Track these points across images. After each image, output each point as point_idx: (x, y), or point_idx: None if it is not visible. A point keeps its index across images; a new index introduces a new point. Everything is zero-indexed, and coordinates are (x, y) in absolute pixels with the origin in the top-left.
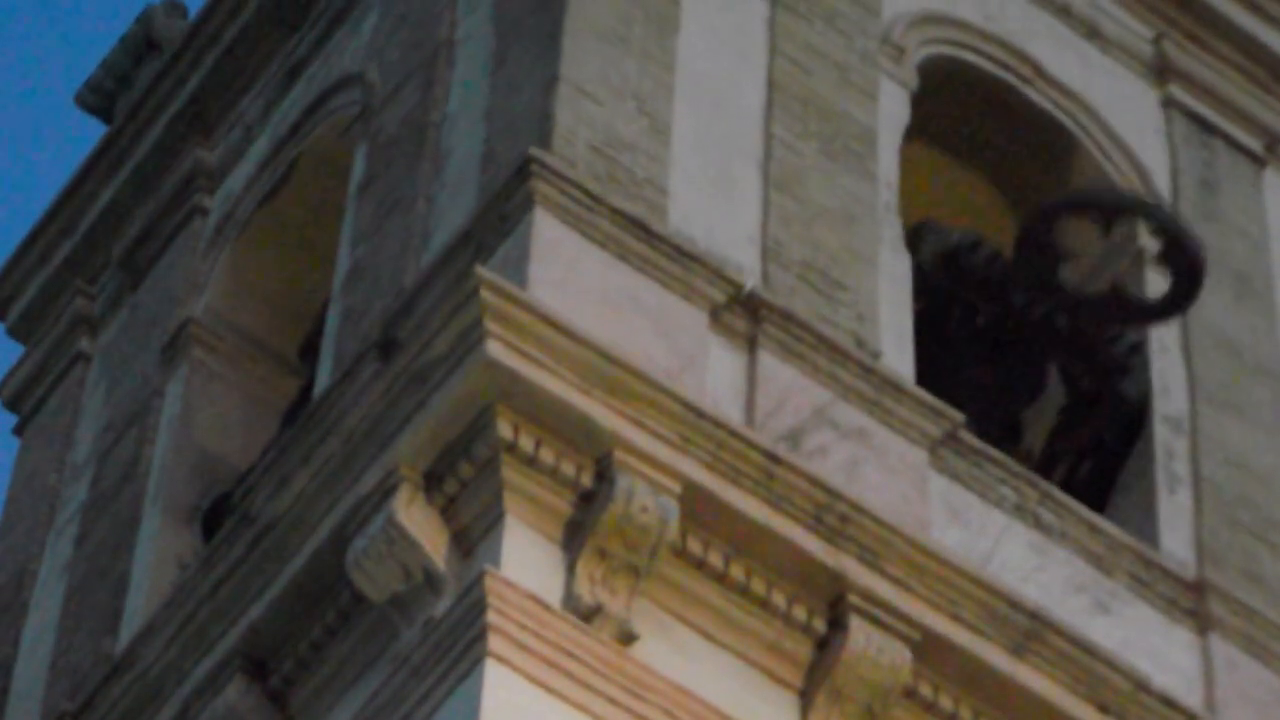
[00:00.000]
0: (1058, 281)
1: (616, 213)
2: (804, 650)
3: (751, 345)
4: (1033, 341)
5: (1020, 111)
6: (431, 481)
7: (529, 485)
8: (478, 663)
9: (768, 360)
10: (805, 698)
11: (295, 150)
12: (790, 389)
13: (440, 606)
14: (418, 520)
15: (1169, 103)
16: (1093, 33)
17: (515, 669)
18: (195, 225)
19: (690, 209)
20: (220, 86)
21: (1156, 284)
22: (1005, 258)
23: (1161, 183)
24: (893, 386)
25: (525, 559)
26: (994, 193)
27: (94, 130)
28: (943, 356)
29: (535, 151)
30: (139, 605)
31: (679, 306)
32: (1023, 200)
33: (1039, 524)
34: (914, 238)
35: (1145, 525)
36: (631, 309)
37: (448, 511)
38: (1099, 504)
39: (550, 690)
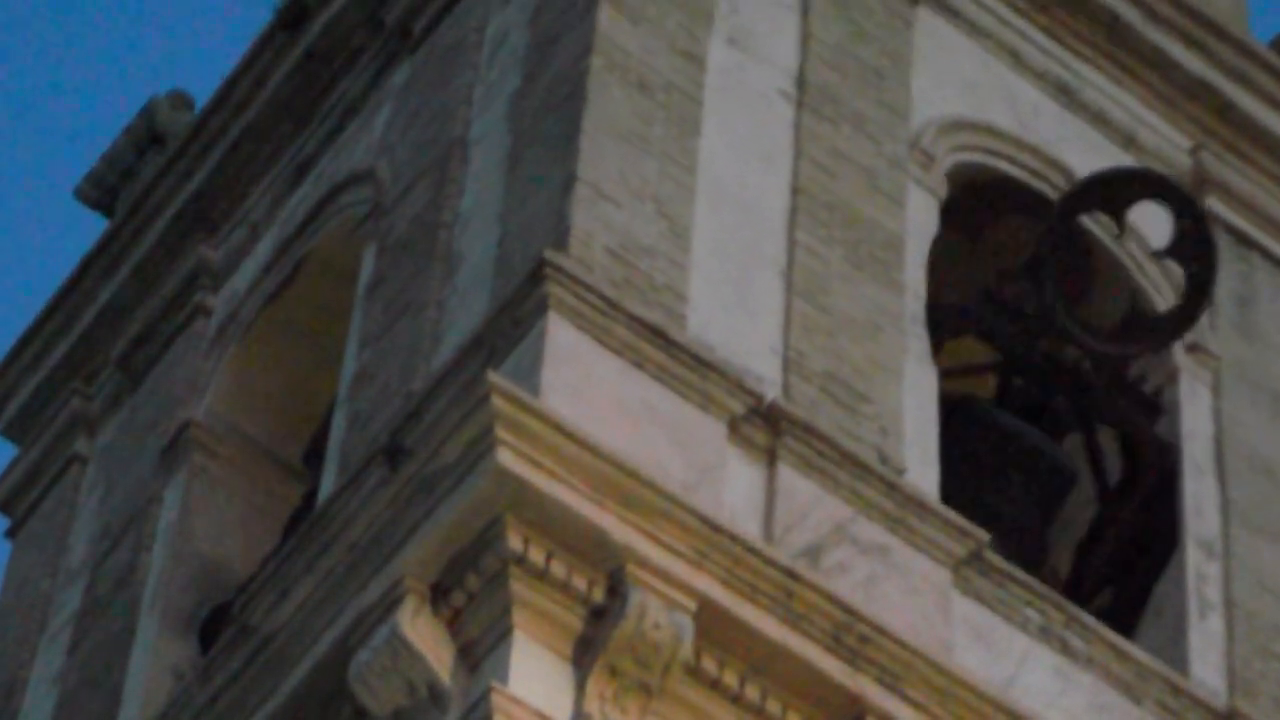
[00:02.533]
0: (1075, 316)
1: (634, 319)
2: None
3: (771, 458)
4: (1058, 405)
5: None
6: (438, 593)
7: (539, 599)
8: None
9: (787, 474)
10: None
11: (302, 249)
12: (810, 504)
13: None
14: (423, 633)
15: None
16: (1129, 142)
17: None
18: (197, 325)
19: (710, 316)
20: (226, 182)
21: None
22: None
23: None
24: (916, 504)
25: (534, 675)
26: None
27: (94, 226)
28: (968, 471)
29: (550, 254)
30: (133, 717)
31: (697, 417)
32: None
33: (1065, 648)
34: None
35: (1175, 652)
36: (647, 419)
37: (454, 625)
38: (1128, 629)
39: None
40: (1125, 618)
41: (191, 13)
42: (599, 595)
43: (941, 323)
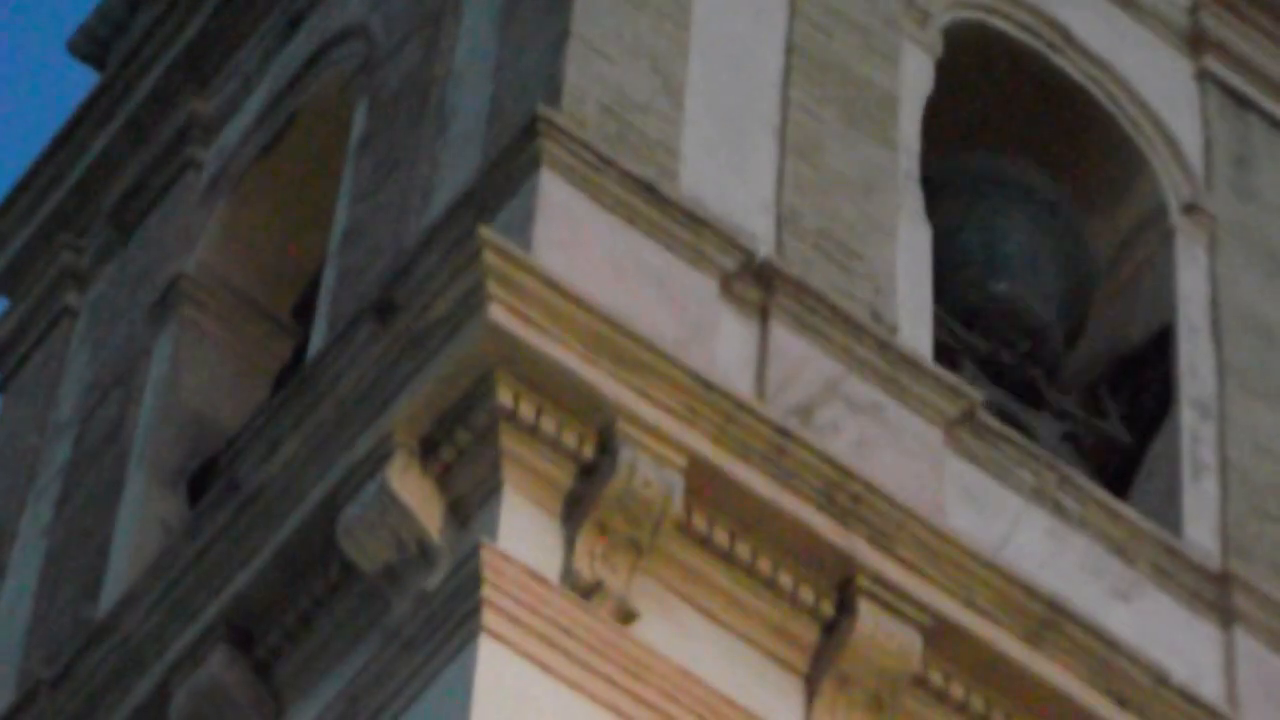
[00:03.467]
0: None
1: (626, 175)
2: (810, 634)
3: (763, 316)
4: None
5: (1048, 80)
6: (427, 449)
7: (528, 455)
8: (472, 638)
9: (780, 332)
10: (810, 683)
11: (294, 104)
12: (802, 362)
13: (434, 579)
14: (412, 489)
15: (1204, 75)
16: (1126, 1)
17: (510, 645)
18: (189, 179)
19: (703, 173)
20: (218, 35)
21: None
22: None
23: (1193, 157)
24: (909, 363)
25: (523, 532)
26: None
27: (86, 78)
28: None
29: (543, 110)
30: (121, 571)
31: (689, 274)
32: (1051, 171)
33: (1058, 509)
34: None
35: (1169, 513)
36: (639, 275)
37: (443, 480)
38: (1122, 489)
39: (546, 668)
40: (1120, 478)
41: None
42: (589, 452)
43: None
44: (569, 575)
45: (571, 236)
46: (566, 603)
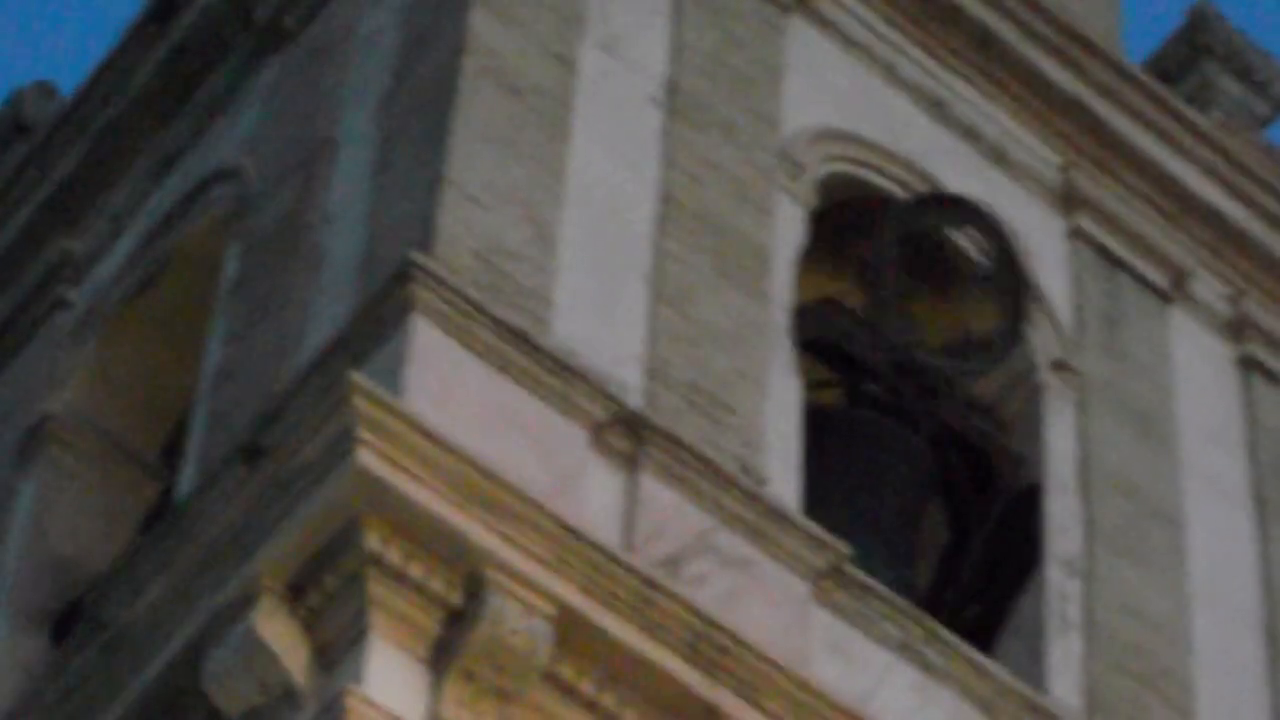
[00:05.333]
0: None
1: (498, 323)
2: None
3: (633, 466)
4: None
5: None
6: (295, 593)
7: (396, 601)
8: None
9: (649, 483)
10: None
11: (166, 245)
12: (672, 513)
13: None
14: (278, 633)
15: (1076, 233)
16: (1000, 158)
17: None
18: (58, 318)
19: (575, 322)
20: (90, 174)
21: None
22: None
23: (1064, 314)
24: (777, 515)
25: (389, 678)
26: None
27: None
28: (831, 484)
29: (416, 255)
30: None
31: (559, 423)
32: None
33: (924, 663)
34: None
35: (1034, 669)
36: (510, 423)
37: (310, 625)
38: (987, 645)
39: None
40: (986, 633)
41: (60, 2)
42: (457, 598)
43: (796, 329)
44: None
45: (442, 383)
46: None
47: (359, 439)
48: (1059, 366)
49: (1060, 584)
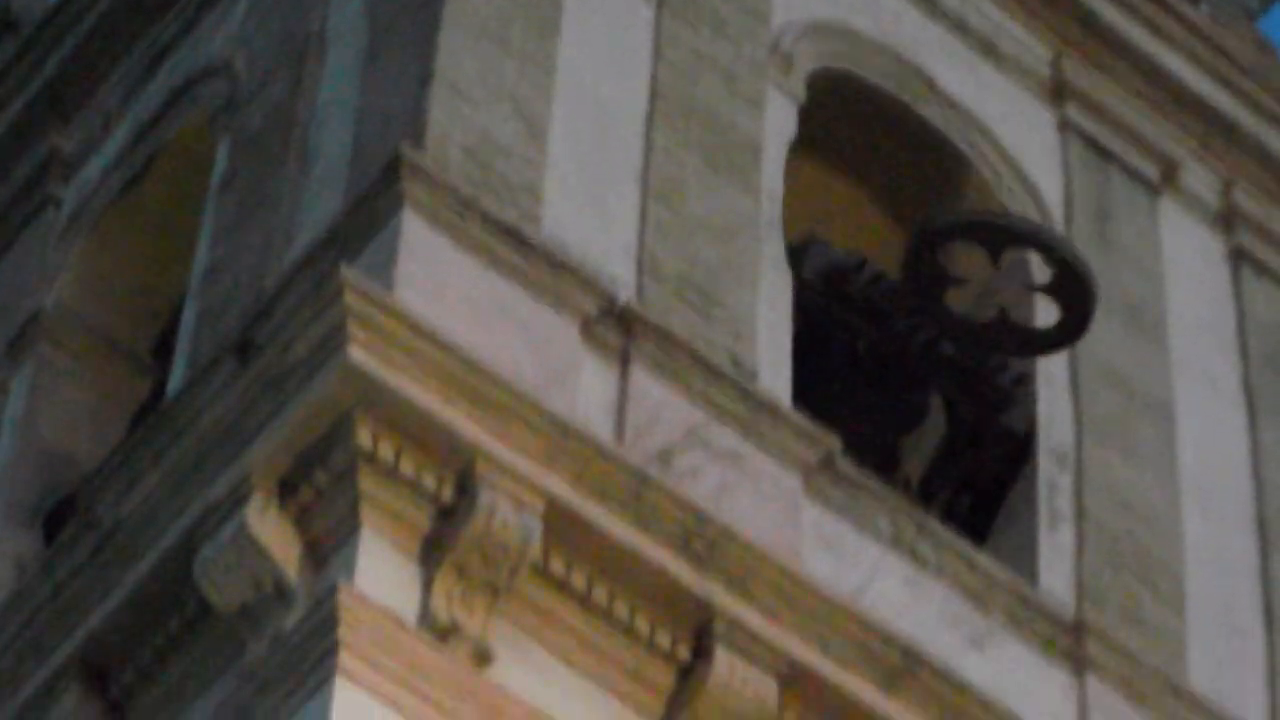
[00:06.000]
0: (944, 307)
1: (488, 218)
2: (666, 678)
3: (624, 361)
4: (916, 368)
5: (911, 128)
6: (286, 490)
7: (387, 497)
8: (327, 679)
9: (640, 377)
10: None
11: (156, 141)
12: (662, 407)
13: (290, 619)
14: (270, 529)
15: (1065, 125)
16: (989, 50)
17: (366, 687)
18: (48, 215)
19: (565, 217)
20: (80, 71)
21: (1046, 314)
22: (890, 279)
23: (1054, 207)
24: (768, 409)
25: (380, 573)
26: (882, 211)
27: None
28: (822, 379)
29: (406, 151)
30: None
31: (550, 318)
32: (911, 219)
33: (915, 557)
34: (797, 255)
35: (1024, 562)
36: (500, 318)
37: (301, 521)
38: (979, 538)
39: (402, 710)
40: (977, 527)
41: None
42: (448, 494)
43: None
44: (426, 617)
45: (433, 278)
46: (422, 645)
47: (350, 335)
48: None
49: (1051, 476)
